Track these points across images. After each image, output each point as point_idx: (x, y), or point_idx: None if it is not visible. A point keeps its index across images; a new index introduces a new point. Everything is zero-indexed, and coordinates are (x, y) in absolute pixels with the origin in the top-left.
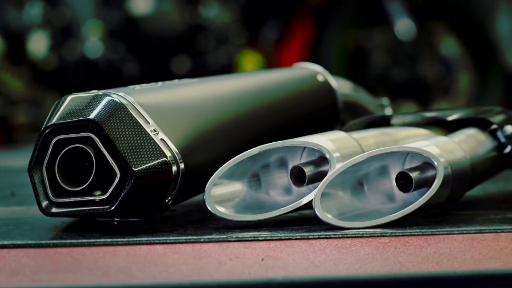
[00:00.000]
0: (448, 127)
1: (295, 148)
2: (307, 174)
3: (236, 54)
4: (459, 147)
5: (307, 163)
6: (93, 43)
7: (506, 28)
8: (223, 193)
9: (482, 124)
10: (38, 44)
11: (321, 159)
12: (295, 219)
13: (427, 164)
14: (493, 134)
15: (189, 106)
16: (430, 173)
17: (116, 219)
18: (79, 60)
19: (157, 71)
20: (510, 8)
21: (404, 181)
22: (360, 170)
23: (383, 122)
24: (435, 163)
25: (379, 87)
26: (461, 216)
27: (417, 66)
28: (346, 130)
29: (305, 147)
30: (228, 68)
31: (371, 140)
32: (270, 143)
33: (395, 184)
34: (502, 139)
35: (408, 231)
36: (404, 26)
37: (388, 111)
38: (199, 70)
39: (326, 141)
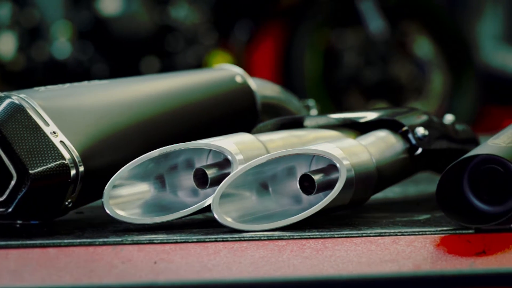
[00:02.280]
0: (361, 129)
1: (201, 150)
2: (209, 176)
3: (206, 55)
4: (365, 150)
5: (211, 165)
6: (61, 44)
7: (491, 28)
8: (124, 195)
9: (394, 126)
10: (6, 45)
11: (226, 161)
12: (198, 221)
13: (332, 167)
14: (404, 136)
15: (93, 108)
16: (334, 175)
17: (18, 221)
18: (47, 61)
19: (126, 71)
20: (495, 8)
21: (308, 183)
22: (263, 172)
23: (296, 123)
24: (338, 165)
25: (351, 87)
26: (366, 218)
27: (390, 67)
28: (256, 132)
29: (210, 149)
30: (198, 68)
31: (279, 142)
32: (172, 145)
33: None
34: (413, 141)
35: (307, 234)
36: (376, 26)
37: (313, 112)
38: (168, 71)
39: (230, 143)
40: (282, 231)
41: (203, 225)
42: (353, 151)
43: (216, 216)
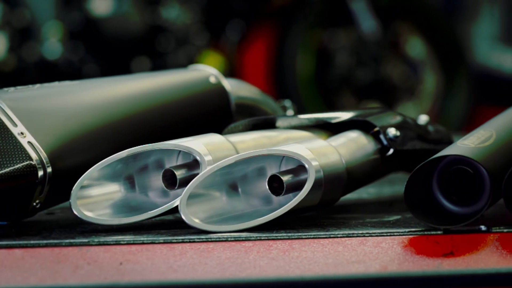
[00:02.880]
0: (333, 130)
1: (172, 151)
2: (178, 177)
3: (197, 55)
4: (335, 151)
5: (179, 166)
6: (52, 44)
7: (487, 29)
8: (92, 196)
9: (365, 126)
10: None
11: (195, 162)
12: (167, 222)
13: (301, 167)
14: (376, 136)
15: (62, 109)
16: (303, 176)
17: None
18: (38, 62)
19: (116, 72)
20: (491, 9)
21: (277, 184)
22: (232, 173)
23: (268, 124)
24: (307, 166)
25: (344, 87)
26: (336, 219)
27: (382, 67)
28: (227, 133)
29: (180, 150)
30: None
31: (249, 143)
32: (140, 146)
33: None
34: (385, 142)
35: (274, 235)
36: (368, 26)
37: (289, 113)
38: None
39: (199, 144)
40: (249, 232)
41: (172, 226)
42: (322, 152)
43: (183, 217)
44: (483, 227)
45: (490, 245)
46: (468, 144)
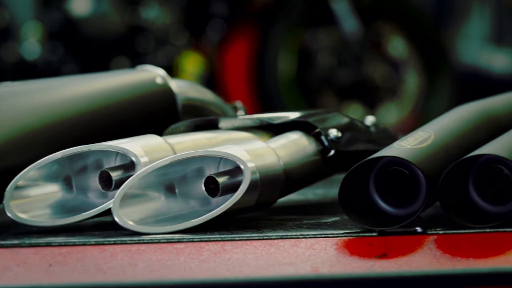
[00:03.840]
0: (276, 131)
1: (110, 152)
2: (114, 178)
3: (177, 56)
4: (273, 152)
5: (116, 168)
6: (31, 44)
7: (478, 29)
8: (27, 197)
9: (308, 127)
10: None
11: (132, 164)
12: (105, 223)
13: (238, 169)
14: (317, 138)
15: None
16: (240, 177)
17: None
18: (17, 62)
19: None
20: (482, 9)
21: (213, 186)
22: (169, 174)
23: (210, 125)
24: (242, 167)
25: (325, 88)
26: (274, 221)
27: (364, 67)
28: (168, 134)
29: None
30: (169, 69)
31: (188, 144)
32: (76, 147)
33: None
34: (326, 143)
35: (207, 236)
36: (350, 26)
37: (240, 113)
38: None
39: (135, 145)
40: (183, 234)
41: (108, 227)
42: (259, 153)
43: (116, 218)
44: (418, 229)
45: (424, 247)
46: (405, 145)
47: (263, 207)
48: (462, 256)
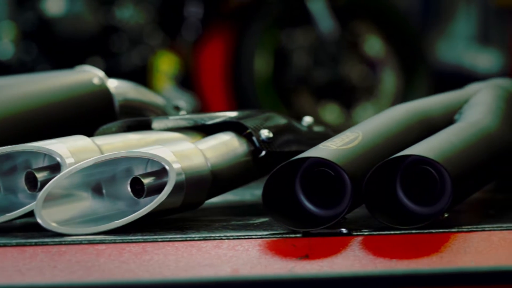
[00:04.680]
0: (209, 131)
1: (38, 153)
2: (39, 179)
3: (151, 56)
4: (200, 153)
5: (42, 169)
6: (5, 44)
7: (464, 28)
8: None
9: (239, 128)
10: None
11: (59, 165)
12: (28, 225)
13: (165, 170)
14: (249, 138)
15: None
16: (166, 178)
17: None
18: None
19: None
20: (468, 8)
21: (140, 187)
22: (95, 175)
23: (143, 125)
24: (168, 168)
25: (302, 88)
26: (201, 222)
27: (341, 67)
28: (99, 134)
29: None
30: (143, 69)
31: (118, 145)
32: (0, 148)
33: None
34: (257, 144)
35: (130, 237)
36: (327, 26)
37: (183, 113)
38: (113, 72)
39: (61, 146)
40: (105, 235)
41: (33, 228)
42: (186, 154)
43: (38, 219)
44: (343, 230)
45: (348, 248)
46: (330, 146)
47: (190, 208)
48: (385, 258)
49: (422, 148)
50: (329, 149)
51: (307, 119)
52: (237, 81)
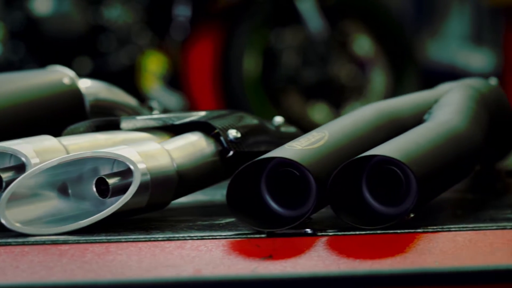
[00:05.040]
0: (178, 132)
1: (4, 154)
2: (4, 179)
3: (139, 55)
4: (166, 153)
5: (7, 169)
6: None
7: (457, 27)
8: None
9: (208, 128)
10: None
11: (24, 165)
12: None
13: (130, 170)
14: (217, 138)
15: None
16: (131, 179)
17: None
18: None
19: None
20: (461, 8)
21: (105, 187)
22: (61, 175)
23: (112, 125)
24: (132, 168)
25: (291, 87)
26: (167, 222)
27: (330, 66)
28: (66, 134)
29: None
30: (131, 69)
31: (84, 145)
32: None
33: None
34: (225, 144)
35: (94, 238)
36: (316, 26)
37: (155, 114)
38: (101, 71)
39: (26, 146)
40: (69, 235)
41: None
42: (152, 154)
43: (2, 219)
44: (308, 231)
45: (312, 248)
46: (296, 146)
47: (157, 208)
48: (349, 258)
49: (387, 148)
50: (294, 149)
51: (278, 119)
52: (226, 80)
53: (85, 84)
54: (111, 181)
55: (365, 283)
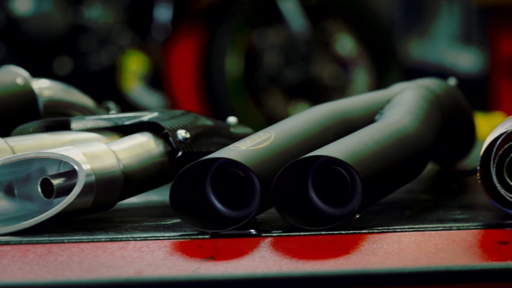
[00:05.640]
0: (128, 132)
1: None
2: None
3: (120, 55)
4: (113, 154)
5: None
6: None
7: (446, 27)
8: None
9: (157, 129)
10: None
11: None
12: None
13: (76, 171)
14: (166, 139)
15: None
16: (76, 179)
17: None
18: None
19: (38, 72)
20: (451, 8)
21: (50, 187)
22: (6, 175)
23: (63, 126)
24: (77, 169)
25: (273, 87)
26: (113, 223)
27: (312, 66)
28: (15, 135)
29: None
30: (112, 69)
31: (31, 145)
32: None
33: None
34: (174, 144)
35: (36, 238)
36: (298, 25)
37: (112, 113)
38: (81, 71)
39: None
40: (11, 236)
41: None
42: (97, 155)
43: None
44: (252, 231)
45: (255, 249)
46: (240, 147)
47: (102, 209)
48: (292, 259)
49: (333, 149)
50: (238, 149)
51: (231, 120)
52: (208, 80)
53: (40, 85)
54: (55, 181)
55: (307, 284)
